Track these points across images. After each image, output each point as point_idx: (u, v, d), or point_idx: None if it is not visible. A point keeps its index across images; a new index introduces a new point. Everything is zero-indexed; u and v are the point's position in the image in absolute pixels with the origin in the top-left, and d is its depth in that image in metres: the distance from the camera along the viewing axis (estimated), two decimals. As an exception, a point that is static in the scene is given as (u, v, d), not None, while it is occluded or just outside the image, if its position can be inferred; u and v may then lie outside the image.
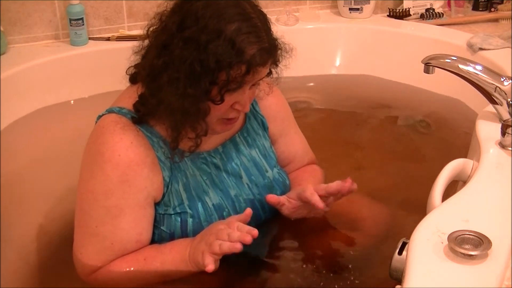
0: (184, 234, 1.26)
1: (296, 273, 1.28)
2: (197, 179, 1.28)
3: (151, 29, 1.21)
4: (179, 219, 1.26)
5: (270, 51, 1.17)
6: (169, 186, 1.25)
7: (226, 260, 1.26)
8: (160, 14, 1.19)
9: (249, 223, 1.32)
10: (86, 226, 1.24)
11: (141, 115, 1.23)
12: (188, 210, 1.26)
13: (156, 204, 1.26)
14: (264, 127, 1.41)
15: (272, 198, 1.32)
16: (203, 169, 1.30)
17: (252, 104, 1.38)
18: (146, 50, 1.22)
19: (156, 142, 1.24)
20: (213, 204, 1.29)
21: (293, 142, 1.47)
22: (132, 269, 1.23)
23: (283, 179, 1.40)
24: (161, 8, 1.20)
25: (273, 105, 1.42)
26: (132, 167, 1.20)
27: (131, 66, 1.28)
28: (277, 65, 1.26)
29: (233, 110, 1.21)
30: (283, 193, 1.38)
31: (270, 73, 1.27)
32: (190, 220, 1.26)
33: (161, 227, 1.26)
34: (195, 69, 1.12)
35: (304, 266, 1.28)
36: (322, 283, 1.27)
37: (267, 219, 1.38)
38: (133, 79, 1.29)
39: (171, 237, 1.26)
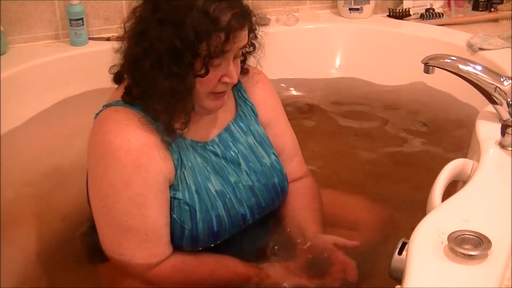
0: (194, 225, 1.26)
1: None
2: (200, 166, 1.29)
3: (127, 24, 1.22)
4: (187, 208, 1.25)
5: (243, 14, 1.19)
6: (177, 170, 1.25)
7: (221, 251, 1.29)
8: (134, 8, 1.22)
9: (250, 210, 1.33)
10: (116, 223, 1.22)
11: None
12: (196, 199, 1.26)
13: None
14: (255, 114, 1.41)
15: None
16: (204, 157, 1.30)
17: (240, 91, 1.40)
18: (125, 44, 1.23)
19: (160, 126, 1.22)
20: (215, 191, 1.29)
21: (282, 133, 1.46)
22: (197, 274, 1.26)
23: (280, 167, 1.40)
24: (134, 5, 1.23)
25: (262, 91, 1.43)
26: (144, 150, 1.20)
27: (114, 65, 1.28)
28: (256, 36, 1.29)
29: (221, 84, 1.22)
30: (280, 180, 1.39)
31: (253, 46, 1.31)
32: (198, 211, 1.26)
33: (173, 215, 1.25)
34: (176, 46, 1.14)
35: (303, 266, 1.28)
36: (321, 283, 1.27)
37: (267, 207, 1.38)
38: (117, 78, 1.30)
39: (182, 226, 1.26)
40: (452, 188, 1.32)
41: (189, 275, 1.26)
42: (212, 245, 1.31)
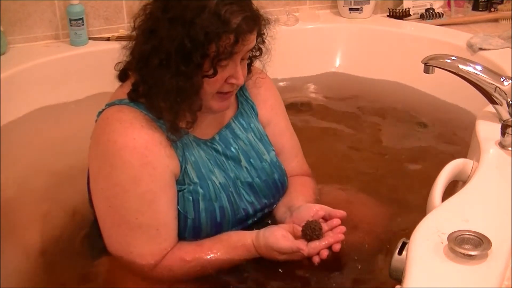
0: (196, 214, 1.27)
1: (295, 272, 1.28)
2: (204, 159, 1.30)
3: (137, 21, 1.23)
4: (191, 198, 1.26)
5: (254, 18, 1.20)
6: (182, 166, 1.26)
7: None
8: (144, 5, 1.22)
9: (252, 206, 1.35)
10: (125, 222, 1.22)
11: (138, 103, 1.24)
12: (200, 190, 1.27)
13: None
14: (255, 112, 1.42)
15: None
16: (207, 152, 1.31)
17: (242, 90, 1.41)
18: (134, 41, 1.24)
19: (163, 124, 1.23)
20: (219, 183, 1.30)
21: (281, 133, 1.47)
22: (196, 257, 1.25)
23: (279, 163, 1.41)
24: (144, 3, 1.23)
25: (262, 90, 1.44)
26: (149, 147, 1.20)
27: (120, 62, 1.29)
28: (263, 40, 1.31)
29: (227, 84, 1.23)
30: (280, 176, 1.39)
31: (260, 50, 1.32)
32: (201, 201, 1.27)
33: (177, 206, 1.26)
34: (185, 46, 1.15)
35: (303, 265, 1.28)
36: (321, 283, 1.27)
37: (269, 202, 1.39)
38: (122, 75, 1.30)
39: (185, 217, 1.26)
40: (452, 188, 1.32)
41: (190, 260, 1.25)
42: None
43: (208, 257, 1.26)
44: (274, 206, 1.41)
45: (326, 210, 1.29)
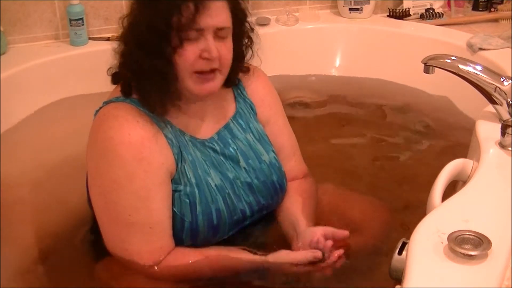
0: (194, 217, 1.27)
1: (295, 272, 1.28)
2: (200, 160, 1.30)
3: (125, 21, 1.27)
4: (187, 201, 1.26)
5: None
6: (178, 164, 1.26)
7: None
8: (131, 4, 1.27)
9: (250, 207, 1.35)
10: (120, 218, 1.23)
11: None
12: (196, 192, 1.27)
13: None
14: (254, 112, 1.42)
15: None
16: (203, 152, 1.31)
17: (240, 89, 1.41)
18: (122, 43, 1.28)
19: (159, 120, 1.25)
20: (215, 185, 1.30)
21: (280, 132, 1.47)
22: (195, 262, 1.26)
23: (279, 165, 1.41)
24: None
25: (260, 88, 1.44)
26: (145, 143, 1.21)
27: (111, 67, 1.31)
28: (251, 27, 1.33)
29: (202, 60, 1.22)
30: (279, 178, 1.39)
31: (250, 39, 1.33)
32: (198, 204, 1.27)
33: (174, 208, 1.26)
34: (153, 22, 1.19)
35: (303, 265, 1.28)
36: (321, 283, 1.27)
37: (267, 204, 1.39)
38: (115, 78, 1.31)
39: (182, 219, 1.26)
40: (452, 188, 1.32)
41: (191, 267, 1.26)
42: (213, 242, 1.31)
43: (210, 266, 1.27)
44: (272, 207, 1.41)
45: (329, 232, 1.29)
